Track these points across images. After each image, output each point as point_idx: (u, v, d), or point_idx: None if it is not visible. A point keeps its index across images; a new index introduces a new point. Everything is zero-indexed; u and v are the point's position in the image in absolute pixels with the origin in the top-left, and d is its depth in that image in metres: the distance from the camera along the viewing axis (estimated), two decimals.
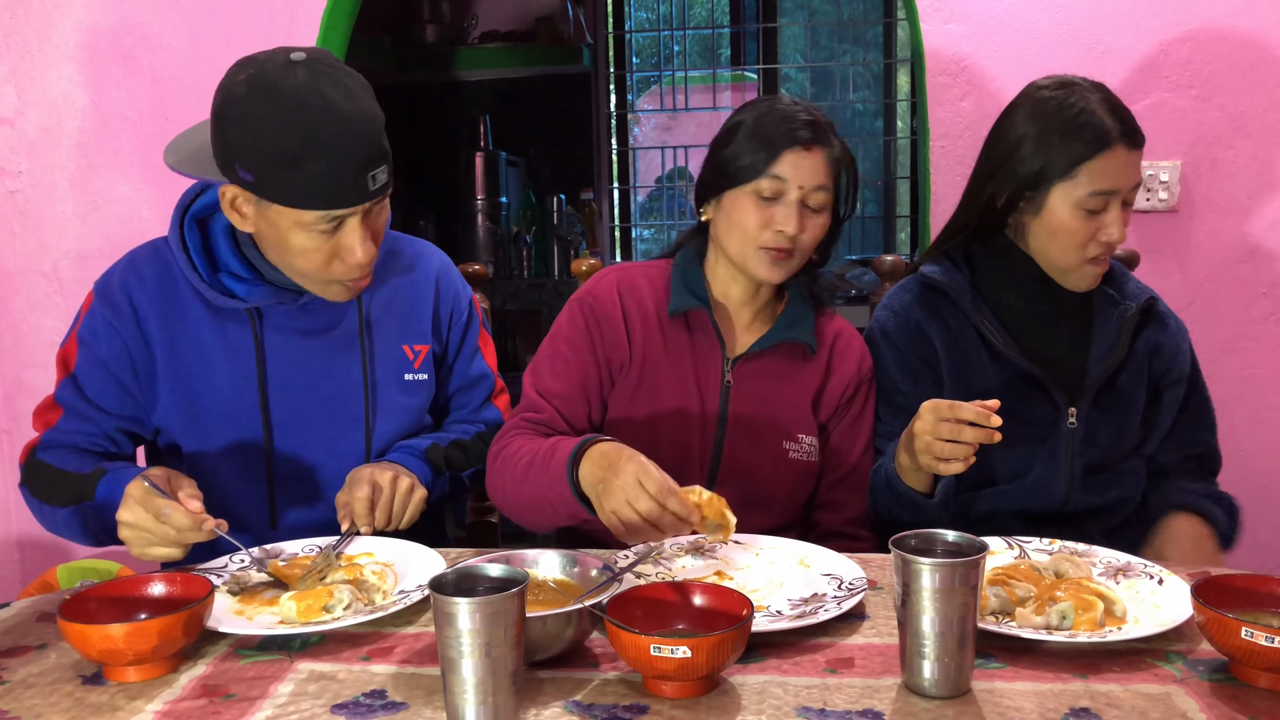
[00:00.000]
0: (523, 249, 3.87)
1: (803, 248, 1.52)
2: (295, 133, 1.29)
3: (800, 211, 1.49)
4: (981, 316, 1.58)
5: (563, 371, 1.55)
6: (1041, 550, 1.32)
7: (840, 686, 1.00)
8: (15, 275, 2.49)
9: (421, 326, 1.61)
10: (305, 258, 1.39)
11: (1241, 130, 2.16)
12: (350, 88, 1.33)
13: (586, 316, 1.56)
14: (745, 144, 1.50)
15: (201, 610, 1.07)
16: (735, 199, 1.51)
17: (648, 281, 1.60)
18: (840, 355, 1.61)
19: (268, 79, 1.30)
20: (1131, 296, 1.60)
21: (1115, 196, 1.48)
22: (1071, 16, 2.18)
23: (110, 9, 2.38)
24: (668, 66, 4.30)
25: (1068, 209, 1.49)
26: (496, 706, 0.91)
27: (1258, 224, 2.20)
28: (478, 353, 1.69)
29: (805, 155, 1.48)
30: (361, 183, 1.34)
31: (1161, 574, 1.23)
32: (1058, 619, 1.10)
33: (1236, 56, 2.14)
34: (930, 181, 2.28)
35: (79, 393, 1.49)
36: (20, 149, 2.44)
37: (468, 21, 4.14)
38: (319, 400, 1.53)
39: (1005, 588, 1.16)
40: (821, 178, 1.49)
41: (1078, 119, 1.47)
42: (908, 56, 3.95)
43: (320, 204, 1.34)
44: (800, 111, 1.51)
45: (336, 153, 1.31)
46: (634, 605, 1.05)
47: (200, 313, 1.49)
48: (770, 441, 1.55)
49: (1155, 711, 0.95)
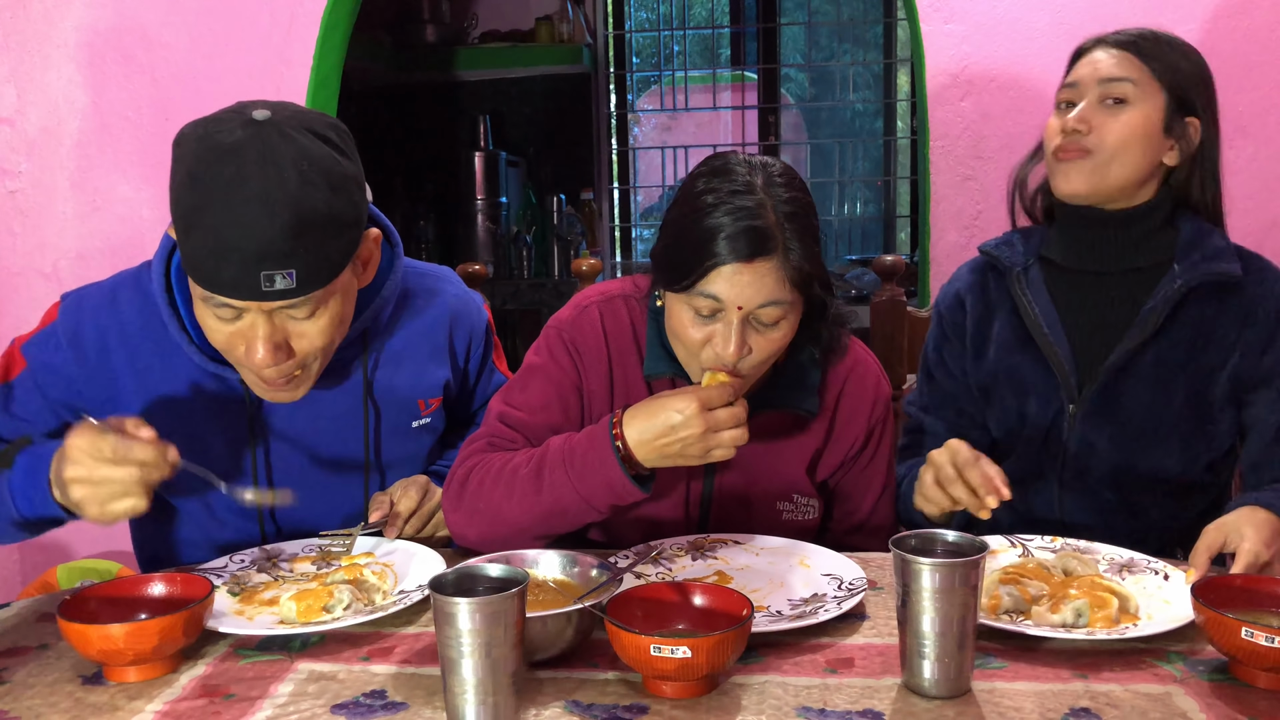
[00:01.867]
0: (523, 249, 3.87)
1: (754, 365, 1.28)
2: (193, 193, 1.17)
3: (743, 332, 1.24)
4: (1025, 289, 1.53)
5: (539, 404, 1.38)
6: (1045, 548, 1.31)
7: (840, 686, 1.00)
8: (15, 275, 2.49)
9: (435, 380, 1.50)
10: (211, 335, 1.26)
11: (1241, 130, 2.16)
12: (283, 169, 1.16)
13: (570, 351, 1.40)
14: (679, 243, 1.26)
15: (201, 610, 1.07)
16: (673, 305, 1.29)
17: (629, 319, 1.42)
18: (847, 412, 1.44)
19: (210, 128, 1.19)
20: (1191, 269, 1.44)
21: (1078, 88, 1.48)
22: (1071, 16, 2.18)
23: (110, 9, 2.38)
24: (668, 66, 4.30)
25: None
26: (496, 706, 0.91)
27: (1258, 224, 2.20)
28: (494, 368, 1.63)
29: (745, 270, 1.21)
30: (250, 279, 1.16)
31: (1166, 569, 1.23)
32: (1074, 617, 1.10)
33: (1236, 56, 2.14)
34: (930, 181, 2.28)
35: (4, 407, 1.36)
36: (20, 149, 2.44)
37: (468, 21, 4.14)
38: (320, 461, 1.44)
39: (1018, 586, 1.16)
40: (769, 293, 1.22)
41: None
42: (908, 56, 3.95)
43: (200, 281, 1.19)
44: (745, 209, 1.22)
45: (220, 232, 1.15)
46: (634, 605, 1.05)
47: (189, 370, 1.36)
48: (762, 503, 1.43)
49: (1155, 711, 0.94)
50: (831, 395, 1.44)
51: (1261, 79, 2.15)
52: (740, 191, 1.23)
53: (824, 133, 4.37)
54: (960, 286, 1.62)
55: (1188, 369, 1.45)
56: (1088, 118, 1.45)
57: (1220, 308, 1.45)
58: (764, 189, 1.24)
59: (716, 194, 1.24)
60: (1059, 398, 1.50)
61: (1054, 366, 1.49)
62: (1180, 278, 1.44)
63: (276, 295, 1.18)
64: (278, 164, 1.16)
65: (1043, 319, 1.50)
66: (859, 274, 3.69)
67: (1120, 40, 1.48)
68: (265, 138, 1.17)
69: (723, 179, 1.26)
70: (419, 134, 4.15)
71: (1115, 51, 1.47)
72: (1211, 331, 1.45)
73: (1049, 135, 1.50)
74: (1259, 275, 1.46)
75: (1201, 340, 1.45)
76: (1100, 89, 1.45)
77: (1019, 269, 1.54)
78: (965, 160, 2.26)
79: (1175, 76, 1.46)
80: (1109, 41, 1.48)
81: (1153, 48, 1.46)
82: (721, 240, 1.21)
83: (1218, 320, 1.45)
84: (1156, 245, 1.49)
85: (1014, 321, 1.54)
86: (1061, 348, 1.49)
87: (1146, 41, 1.47)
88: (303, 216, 1.16)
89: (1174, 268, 1.46)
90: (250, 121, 1.18)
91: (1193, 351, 1.45)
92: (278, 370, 1.25)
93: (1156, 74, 1.45)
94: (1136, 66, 1.45)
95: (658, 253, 1.33)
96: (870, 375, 1.47)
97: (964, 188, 2.27)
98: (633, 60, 4.38)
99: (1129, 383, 1.47)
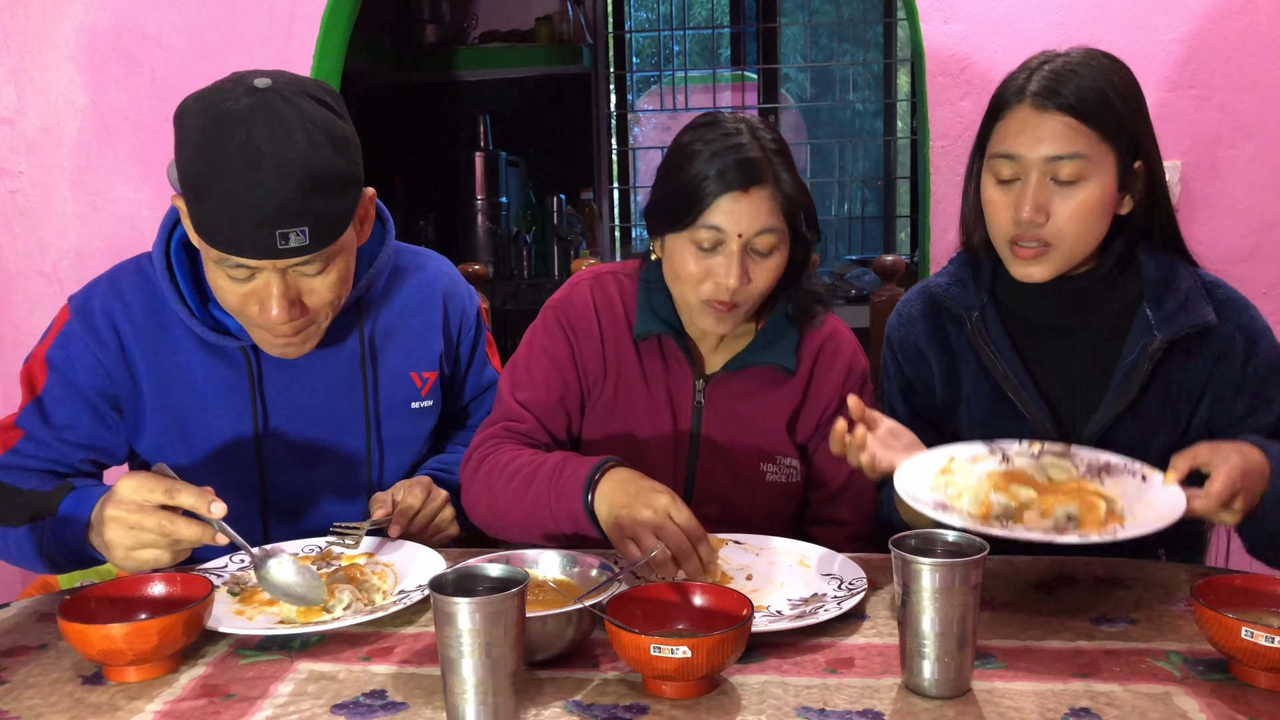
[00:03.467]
0: (523, 249, 3.87)
1: (752, 296, 1.40)
2: (205, 160, 1.20)
3: (744, 260, 1.36)
4: (988, 341, 1.42)
5: (542, 381, 1.49)
6: (1022, 454, 1.28)
7: (840, 686, 1.00)
8: (15, 275, 2.49)
9: (430, 352, 1.54)
10: (222, 297, 1.31)
11: (1241, 130, 2.16)
12: (290, 131, 1.21)
13: (564, 326, 1.50)
14: (677, 187, 1.38)
15: (201, 610, 1.07)
16: (674, 246, 1.41)
17: (619, 294, 1.53)
18: (822, 372, 1.52)
19: (216, 95, 1.23)
20: (1167, 322, 1.35)
21: (1019, 162, 1.32)
22: (1071, 16, 2.18)
23: (110, 9, 2.38)
24: (668, 66, 4.30)
25: (987, 179, 1.37)
26: (496, 706, 0.91)
27: (1258, 224, 2.20)
28: (486, 360, 1.66)
29: (743, 198, 1.34)
30: (266, 238, 1.21)
31: (1143, 470, 1.23)
32: (1065, 520, 1.11)
33: (1236, 56, 2.14)
34: (930, 181, 2.28)
35: (43, 419, 1.39)
36: (20, 149, 2.44)
37: (468, 21, 4.14)
38: (320, 436, 1.47)
39: (1005, 493, 1.16)
40: (765, 220, 1.36)
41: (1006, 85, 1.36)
42: (908, 56, 3.96)
43: (217, 244, 1.23)
44: (736, 145, 1.36)
45: (236, 195, 1.19)
46: (634, 605, 1.05)
47: (191, 344, 1.41)
48: (746, 463, 1.50)
49: (1155, 711, 0.94)
50: (808, 357, 1.52)
51: (1261, 79, 2.15)
52: (730, 134, 1.38)
53: (824, 133, 4.37)
54: (918, 338, 1.49)
55: (1164, 419, 1.40)
56: (1042, 205, 1.31)
57: (1192, 351, 1.39)
58: (749, 131, 1.39)
59: (708, 141, 1.37)
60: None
61: (1034, 426, 1.41)
62: (1158, 331, 1.35)
63: (291, 253, 1.23)
64: (285, 127, 1.21)
65: (1013, 376, 1.41)
66: (859, 274, 3.69)
67: (1060, 102, 1.29)
68: (270, 103, 1.22)
69: (711, 129, 1.40)
70: (419, 134, 4.15)
71: (1057, 120, 1.30)
72: (1185, 378, 1.39)
73: (996, 213, 1.36)
74: (1224, 309, 1.39)
75: (1175, 388, 1.39)
76: (1047, 166, 1.31)
77: (975, 314, 1.43)
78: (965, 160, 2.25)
79: (1121, 127, 1.31)
80: (1045, 102, 1.30)
81: (1096, 103, 1.30)
82: (719, 175, 1.34)
83: (1190, 364, 1.39)
84: (1121, 290, 1.41)
85: (984, 379, 1.44)
86: (1038, 406, 1.41)
87: (1088, 96, 1.30)
88: (313, 176, 1.22)
89: (1147, 314, 1.37)
90: (252, 89, 1.23)
91: (1167, 401, 1.39)
92: (291, 326, 1.31)
93: (1107, 137, 1.30)
94: (1085, 136, 1.29)
95: (655, 203, 1.44)
96: (847, 344, 1.55)
97: (964, 188, 2.26)
98: (633, 60, 4.38)
99: (1111, 446, 1.36)
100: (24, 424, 1.40)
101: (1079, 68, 1.32)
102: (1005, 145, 1.33)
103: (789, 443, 1.52)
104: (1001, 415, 1.43)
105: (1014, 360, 1.42)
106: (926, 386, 1.51)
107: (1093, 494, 1.14)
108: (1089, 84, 1.30)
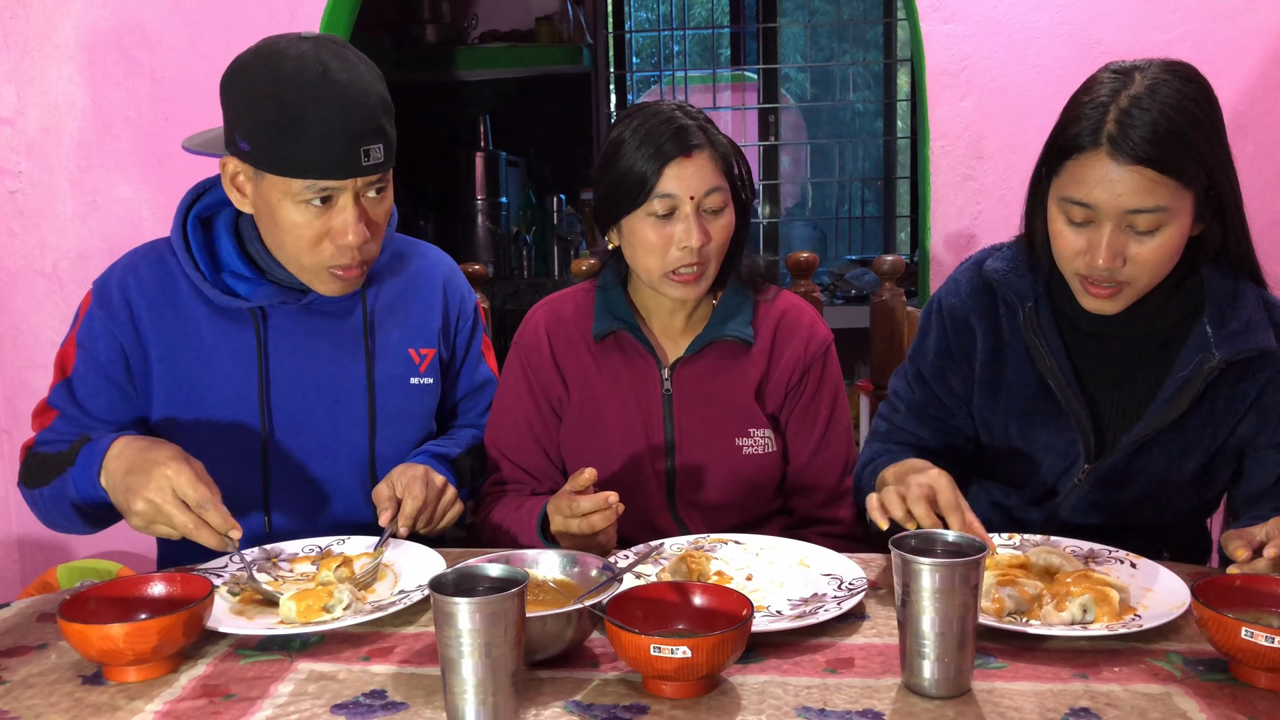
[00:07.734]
0: (523, 249, 3.87)
1: (713, 255, 1.49)
2: (288, 97, 1.31)
3: (699, 220, 1.46)
4: (1038, 334, 1.39)
5: (510, 423, 1.59)
6: (1005, 546, 1.31)
7: (840, 686, 1.00)
8: (15, 275, 2.49)
9: (428, 330, 1.60)
10: (295, 235, 1.38)
11: (1241, 130, 2.16)
12: (353, 63, 1.35)
13: (522, 361, 1.59)
14: (623, 172, 1.46)
15: (201, 610, 1.07)
16: (633, 225, 1.48)
17: (573, 309, 1.60)
18: (783, 340, 1.57)
19: (273, 47, 1.35)
20: (1227, 342, 1.31)
21: (1095, 211, 1.26)
22: (1071, 16, 2.18)
23: (110, 9, 2.38)
24: (668, 66, 4.30)
25: (1055, 209, 1.31)
26: (496, 706, 0.91)
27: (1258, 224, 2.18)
28: (481, 358, 1.69)
29: (687, 163, 1.44)
30: (353, 156, 1.34)
31: (1130, 558, 1.24)
32: (1081, 613, 1.11)
33: (1237, 56, 2.14)
34: (930, 181, 2.28)
35: (71, 397, 1.48)
36: (20, 149, 2.44)
37: (468, 21, 4.14)
38: (323, 403, 1.52)
39: (1015, 587, 1.16)
40: (711, 179, 1.46)
41: (1082, 102, 1.27)
42: (908, 56, 3.95)
43: (308, 172, 1.33)
44: (669, 118, 1.46)
45: (326, 120, 1.31)
46: (634, 605, 1.05)
47: (202, 313, 1.49)
48: (721, 441, 1.54)
49: (1155, 711, 0.94)
50: (767, 329, 1.58)
51: (1261, 79, 2.15)
52: (658, 112, 1.48)
53: (824, 133, 4.37)
54: (970, 310, 1.46)
55: (1204, 437, 1.37)
56: (1119, 251, 1.26)
57: (1245, 373, 1.35)
58: (676, 107, 1.50)
59: (641, 123, 1.47)
60: (1073, 454, 1.41)
61: (1075, 427, 1.39)
62: (1217, 350, 1.31)
63: (372, 169, 1.37)
64: (349, 61, 1.35)
65: (1060, 372, 1.38)
66: (859, 274, 3.69)
67: (1140, 154, 1.21)
68: (326, 44, 1.36)
69: (640, 114, 1.50)
70: (419, 134, 4.14)
71: (1136, 174, 1.22)
72: (1234, 398, 1.36)
73: (1065, 248, 1.30)
74: None
75: (1223, 407, 1.36)
76: (1125, 218, 1.25)
77: (1029, 304, 1.40)
78: (965, 160, 2.26)
79: (1201, 163, 1.24)
80: (1123, 153, 1.22)
81: (1175, 149, 1.21)
82: (660, 148, 1.44)
83: (1241, 386, 1.36)
84: (1178, 302, 1.37)
85: (1030, 370, 1.42)
86: (1082, 408, 1.38)
87: (1167, 139, 1.21)
88: (381, 98, 1.38)
89: (1206, 330, 1.33)
90: (304, 38, 1.36)
91: (1212, 419, 1.37)
92: (363, 251, 1.41)
93: (1186, 181, 1.23)
94: (1165, 188, 1.22)
95: (603, 195, 1.51)
96: (805, 315, 1.61)
97: (964, 188, 2.27)
98: (633, 60, 4.38)
99: (1147, 456, 1.38)
100: (55, 402, 1.49)
101: (1158, 102, 1.23)
102: (1080, 193, 1.26)
103: (760, 414, 1.55)
104: (1042, 407, 1.42)
105: (1062, 356, 1.40)
106: (967, 359, 1.48)
107: (1102, 584, 1.13)
108: (1167, 126, 1.22)
